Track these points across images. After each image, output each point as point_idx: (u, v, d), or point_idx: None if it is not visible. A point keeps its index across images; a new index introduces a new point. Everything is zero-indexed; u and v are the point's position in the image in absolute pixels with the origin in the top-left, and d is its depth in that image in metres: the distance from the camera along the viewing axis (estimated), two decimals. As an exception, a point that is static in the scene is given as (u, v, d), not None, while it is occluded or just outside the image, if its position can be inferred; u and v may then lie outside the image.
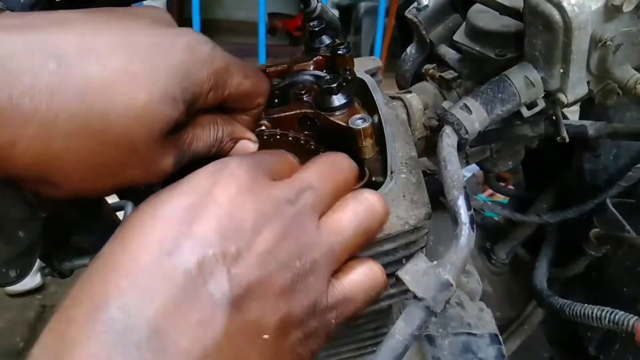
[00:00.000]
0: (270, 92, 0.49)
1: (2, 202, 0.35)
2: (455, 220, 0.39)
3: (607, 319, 0.55)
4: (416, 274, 0.36)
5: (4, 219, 0.36)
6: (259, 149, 0.44)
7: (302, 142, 0.45)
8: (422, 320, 0.35)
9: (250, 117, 0.44)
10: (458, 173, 0.42)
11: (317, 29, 0.50)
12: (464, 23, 0.58)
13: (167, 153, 0.36)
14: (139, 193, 0.48)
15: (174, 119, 0.34)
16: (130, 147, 0.33)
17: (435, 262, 0.37)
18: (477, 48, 0.54)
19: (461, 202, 0.39)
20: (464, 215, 0.39)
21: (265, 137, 0.44)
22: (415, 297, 0.36)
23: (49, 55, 0.30)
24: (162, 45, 0.34)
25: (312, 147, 0.45)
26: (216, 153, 0.42)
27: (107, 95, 0.31)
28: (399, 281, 0.37)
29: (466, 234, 0.38)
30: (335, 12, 3.04)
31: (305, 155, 0.44)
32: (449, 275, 0.36)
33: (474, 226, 0.39)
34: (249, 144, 0.43)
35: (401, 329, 0.35)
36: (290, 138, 0.45)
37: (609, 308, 0.56)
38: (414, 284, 0.36)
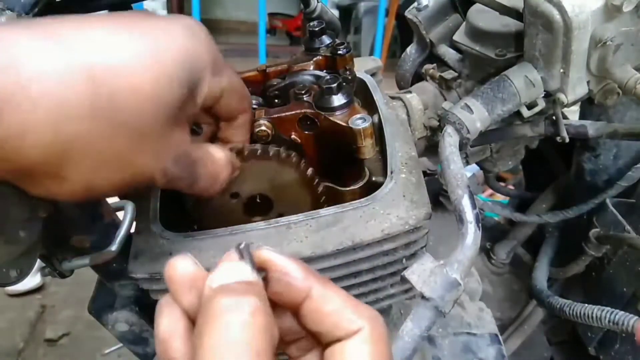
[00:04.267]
0: (270, 92, 0.49)
1: (2, 202, 0.35)
2: (460, 219, 0.39)
3: (607, 319, 0.55)
4: (423, 273, 0.36)
5: (4, 219, 0.36)
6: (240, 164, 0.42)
7: (284, 155, 0.43)
8: (431, 321, 0.34)
9: (238, 128, 0.43)
10: (461, 172, 0.42)
11: (317, 29, 0.50)
12: (464, 23, 0.58)
13: (174, 142, 0.36)
14: (139, 193, 0.48)
15: (180, 102, 0.35)
16: (140, 130, 0.33)
17: (442, 262, 0.36)
18: (477, 48, 0.54)
19: (466, 201, 0.39)
20: (469, 214, 0.39)
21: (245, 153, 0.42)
22: (422, 297, 0.35)
23: (53, 42, 0.30)
24: (164, 27, 0.34)
25: (294, 159, 0.43)
26: None
27: (115, 76, 0.32)
28: (403, 281, 0.36)
29: (472, 233, 0.38)
30: (335, 12, 3.04)
31: (288, 168, 0.43)
32: (457, 274, 0.35)
33: (480, 225, 0.38)
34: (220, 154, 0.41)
35: (409, 330, 0.34)
36: (271, 153, 0.43)
37: (609, 308, 0.56)
38: (421, 283, 0.35)
